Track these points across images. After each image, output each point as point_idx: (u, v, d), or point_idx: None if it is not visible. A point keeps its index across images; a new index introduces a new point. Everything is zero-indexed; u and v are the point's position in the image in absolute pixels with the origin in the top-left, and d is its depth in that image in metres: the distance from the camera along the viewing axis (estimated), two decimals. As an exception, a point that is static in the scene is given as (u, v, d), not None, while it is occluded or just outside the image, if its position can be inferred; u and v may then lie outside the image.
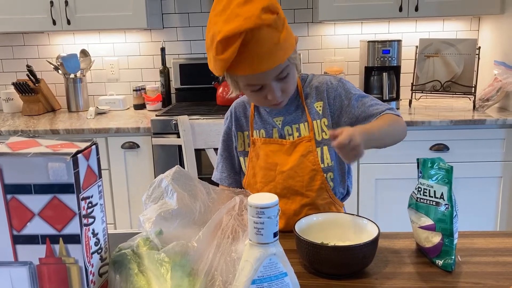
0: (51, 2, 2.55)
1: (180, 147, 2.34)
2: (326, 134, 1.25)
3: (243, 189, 1.26)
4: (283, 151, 1.25)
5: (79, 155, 0.75)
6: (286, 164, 1.24)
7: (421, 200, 1.01)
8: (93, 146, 0.80)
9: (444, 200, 0.97)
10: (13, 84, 2.77)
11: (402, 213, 1.10)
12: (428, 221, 1.00)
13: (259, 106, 1.28)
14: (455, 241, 0.99)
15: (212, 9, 1.09)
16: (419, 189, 1.02)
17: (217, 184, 1.38)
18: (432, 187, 0.99)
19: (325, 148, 1.24)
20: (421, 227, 1.01)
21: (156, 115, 2.47)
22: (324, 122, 1.25)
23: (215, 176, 1.39)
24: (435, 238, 0.99)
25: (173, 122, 2.35)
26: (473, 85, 2.53)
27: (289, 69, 1.13)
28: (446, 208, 0.97)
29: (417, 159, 1.04)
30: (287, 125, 1.26)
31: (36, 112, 2.80)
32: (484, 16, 2.71)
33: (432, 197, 0.99)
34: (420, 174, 1.02)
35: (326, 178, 1.24)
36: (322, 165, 1.24)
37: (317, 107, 1.26)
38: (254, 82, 1.12)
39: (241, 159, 1.33)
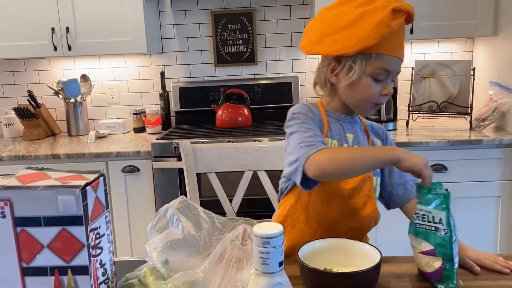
0: (52, 29, 2.59)
1: (180, 170, 2.36)
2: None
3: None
4: None
5: (88, 188, 0.77)
6: (349, 182, 1.21)
7: (420, 226, 1.02)
8: (101, 178, 0.82)
9: (443, 225, 0.99)
10: (14, 109, 2.80)
11: (403, 235, 1.12)
12: (428, 246, 1.01)
13: (356, 104, 1.24)
14: (456, 265, 1.00)
15: (344, 1, 1.20)
16: (417, 215, 1.03)
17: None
18: (430, 212, 1.00)
19: (378, 179, 1.27)
20: (422, 252, 1.02)
21: (157, 139, 2.49)
22: None
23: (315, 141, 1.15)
24: (436, 263, 1.00)
25: (173, 145, 2.37)
26: (469, 106, 2.57)
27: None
28: (445, 233, 0.99)
29: (416, 184, 1.06)
30: (357, 144, 1.27)
31: (36, 137, 2.82)
32: (477, 37, 2.77)
33: (430, 222, 1.00)
34: (418, 200, 1.04)
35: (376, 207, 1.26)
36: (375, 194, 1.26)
37: (377, 142, 1.31)
38: (389, 68, 1.17)
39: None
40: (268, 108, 2.92)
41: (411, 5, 1.16)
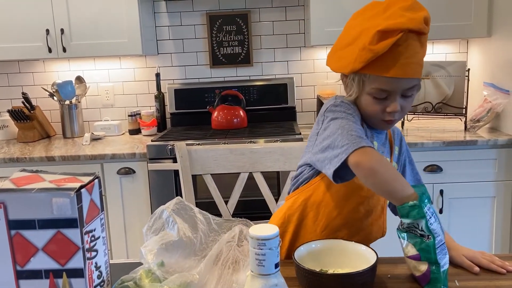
0: (47, 30, 2.58)
1: (176, 171, 2.35)
2: None
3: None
4: None
5: (83, 190, 0.77)
6: (367, 190, 1.18)
7: (410, 231, 1.01)
8: (96, 180, 0.81)
9: (424, 232, 0.98)
10: (8, 111, 2.78)
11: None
12: (414, 251, 1.00)
13: (369, 119, 1.19)
14: (443, 268, 0.99)
15: (362, 12, 1.15)
16: (402, 223, 1.02)
17: None
18: (412, 223, 0.99)
19: None
20: (408, 257, 1.02)
21: (152, 140, 2.48)
22: (395, 166, 1.26)
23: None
24: (422, 267, 1.00)
25: (169, 147, 2.36)
26: (464, 106, 2.57)
27: (416, 89, 1.15)
28: (428, 238, 0.98)
29: None
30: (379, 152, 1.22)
31: (31, 139, 2.80)
32: (472, 39, 2.78)
33: (416, 228, 0.99)
34: (399, 214, 1.03)
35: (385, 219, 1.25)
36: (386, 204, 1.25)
37: (396, 150, 1.27)
38: (386, 87, 1.10)
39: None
40: (264, 109, 2.92)
41: (417, 18, 1.06)
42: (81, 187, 0.76)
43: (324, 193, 1.21)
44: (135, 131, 2.90)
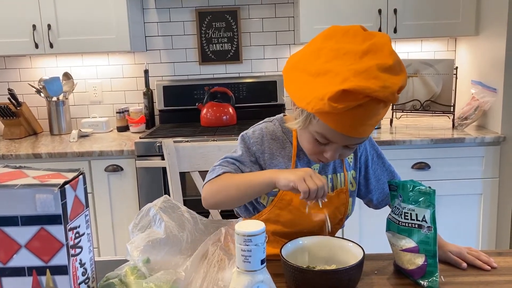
0: (34, 26, 2.55)
1: (164, 169, 2.34)
2: (352, 186, 1.25)
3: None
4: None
5: (67, 186, 0.75)
6: (318, 216, 1.18)
7: (403, 224, 1.03)
8: (80, 176, 0.80)
9: (426, 222, 0.99)
10: (-6, 107, 2.75)
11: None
12: (411, 244, 1.01)
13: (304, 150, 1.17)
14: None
15: (340, 33, 1.00)
16: (400, 213, 1.03)
17: None
18: (413, 210, 1.01)
19: (350, 199, 1.24)
20: (404, 250, 1.03)
21: (140, 138, 2.46)
22: (352, 174, 1.25)
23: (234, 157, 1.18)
24: (419, 260, 1.01)
25: (157, 144, 2.35)
26: (452, 104, 2.59)
27: (361, 143, 1.14)
28: (429, 230, 0.99)
29: (395, 182, 1.06)
30: (324, 174, 1.21)
31: (17, 136, 2.77)
32: (460, 37, 2.80)
33: (414, 220, 1.01)
34: (400, 198, 1.04)
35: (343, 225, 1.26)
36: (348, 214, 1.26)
37: (348, 158, 1.24)
38: (330, 138, 1.04)
39: (264, 195, 1.21)
40: (253, 106, 2.91)
41: (391, 87, 0.94)
42: (65, 183, 0.75)
43: (278, 216, 1.21)
44: (123, 128, 2.88)
